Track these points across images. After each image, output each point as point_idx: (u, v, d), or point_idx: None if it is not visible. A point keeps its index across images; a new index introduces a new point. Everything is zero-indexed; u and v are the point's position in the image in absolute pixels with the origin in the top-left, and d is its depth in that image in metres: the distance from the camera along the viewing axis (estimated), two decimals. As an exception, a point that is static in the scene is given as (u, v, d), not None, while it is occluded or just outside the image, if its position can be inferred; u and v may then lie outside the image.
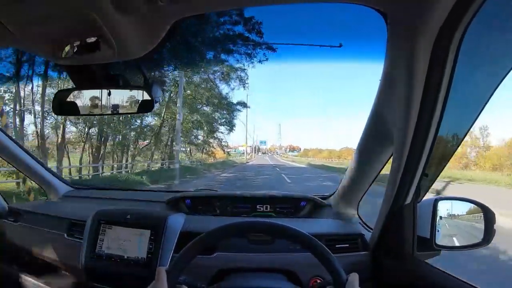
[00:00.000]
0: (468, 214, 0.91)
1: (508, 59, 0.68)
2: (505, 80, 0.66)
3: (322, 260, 0.66)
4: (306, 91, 62.39)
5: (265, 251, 1.03)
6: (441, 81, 0.66)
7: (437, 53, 0.63)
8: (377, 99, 0.85)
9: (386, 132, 0.86)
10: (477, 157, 15.72)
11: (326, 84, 58.23)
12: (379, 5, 0.62)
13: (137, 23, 0.62)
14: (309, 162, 26.68)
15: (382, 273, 0.98)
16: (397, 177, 0.83)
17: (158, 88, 0.85)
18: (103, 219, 1.08)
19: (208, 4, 0.62)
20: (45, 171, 1.52)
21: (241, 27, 3.15)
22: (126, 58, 0.73)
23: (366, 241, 1.07)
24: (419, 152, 0.77)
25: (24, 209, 1.41)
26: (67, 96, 0.89)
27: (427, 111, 0.71)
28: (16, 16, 0.59)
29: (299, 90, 64.04)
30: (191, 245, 0.69)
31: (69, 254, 1.15)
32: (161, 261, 0.98)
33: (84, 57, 0.69)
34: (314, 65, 21.00)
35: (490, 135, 16.11)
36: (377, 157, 1.01)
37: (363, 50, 0.98)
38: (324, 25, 0.86)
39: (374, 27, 0.72)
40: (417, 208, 0.88)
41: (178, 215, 1.16)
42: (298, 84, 63.72)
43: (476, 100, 0.75)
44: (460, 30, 0.59)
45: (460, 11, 0.56)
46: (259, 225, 0.74)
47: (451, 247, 0.90)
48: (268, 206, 1.35)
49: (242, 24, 2.53)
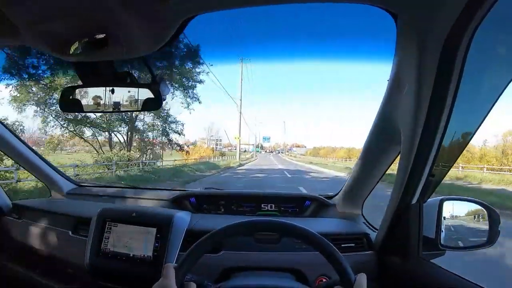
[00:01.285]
0: (472, 214, 0.92)
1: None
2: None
3: (331, 260, 0.66)
4: (312, 88, 62.21)
5: (272, 250, 1.03)
6: (450, 82, 0.66)
7: (446, 54, 0.63)
8: (385, 99, 0.86)
9: (393, 132, 0.86)
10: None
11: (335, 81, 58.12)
12: (390, 5, 0.62)
13: (146, 21, 0.62)
14: (334, 164, 21.80)
15: (387, 273, 0.98)
16: (404, 177, 0.83)
17: (165, 85, 0.85)
18: (108, 216, 1.08)
19: (218, 2, 0.62)
20: (49, 168, 1.52)
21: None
22: (134, 55, 0.73)
23: (371, 240, 1.08)
24: (427, 153, 0.77)
25: (28, 206, 1.41)
26: (74, 93, 0.89)
27: (435, 112, 0.71)
28: (25, 14, 0.58)
29: (304, 87, 63.87)
30: (200, 242, 0.68)
31: (74, 251, 1.15)
32: (167, 260, 0.98)
33: (92, 54, 0.69)
34: (322, 64, 19.89)
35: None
36: (383, 157, 1.01)
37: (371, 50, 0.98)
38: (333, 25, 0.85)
39: (384, 27, 0.72)
40: (423, 208, 0.89)
41: (184, 213, 1.16)
42: (304, 81, 63.61)
43: (483, 101, 0.75)
44: (469, 32, 0.59)
45: (469, 13, 0.56)
46: (267, 223, 0.74)
47: (456, 247, 0.91)
48: (272, 205, 1.36)
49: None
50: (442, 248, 0.88)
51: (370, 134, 0.98)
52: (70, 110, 0.93)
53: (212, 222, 1.12)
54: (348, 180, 1.22)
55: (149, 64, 0.82)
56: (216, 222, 0.96)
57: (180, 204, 1.38)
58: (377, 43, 0.91)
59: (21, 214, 1.39)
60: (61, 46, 0.69)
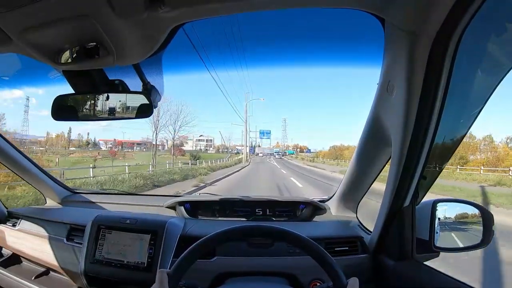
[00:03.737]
0: (466, 215, 0.92)
1: (505, 62, 0.69)
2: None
3: (322, 264, 0.66)
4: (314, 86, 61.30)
5: (265, 255, 1.03)
6: (439, 84, 0.67)
7: (434, 57, 0.64)
8: (375, 103, 0.86)
9: (384, 135, 0.87)
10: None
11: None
12: (376, 10, 0.63)
13: (136, 29, 0.62)
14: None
15: (382, 275, 0.98)
16: (395, 180, 0.84)
17: (157, 92, 0.85)
18: (102, 223, 1.08)
19: (207, 10, 0.62)
20: (44, 176, 1.51)
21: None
22: (125, 63, 0.74)
23: (365, 243, 1.08)
24: (417, 155, 0.78)
25: (23, 213, 1.41)
26: (66, 101, 0.89)
27: (425, 114, 0.71)
28: (16, 22, 0.59)
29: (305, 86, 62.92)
30: (193, 248, 0.69)
31: (68, 259, 1.15)
32: (161, 266, 0.98)
33: (83, 63, 0.69)
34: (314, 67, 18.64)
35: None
36: (375, 160, 1.02)
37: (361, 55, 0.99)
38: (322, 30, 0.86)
39: (373, 32, 0.73)
40: (415, 210, 0.89)
41: (178, 219, 1.16)
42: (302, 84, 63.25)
43: (473, 103, 0.76)
44: (457, 35, 0.60)
45: (456, 16, 0.57)
46: (259, 229, 0.74)
47: (450, 248, 0.91)
48: (267, 209, 1.35)
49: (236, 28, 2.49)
50: (436, 250, 0.88)
51: (362, 137, 0.99)
52: (62, 119, 0.92)
53: (206, 227, 1.12)
54: (341, 184, 1.22)
55: (140, 72, 0.82)
56: (210, 228, 0.96)
57: (175, 210, 1.38)
58: (367, 47, 0.92)
59: (16, 222, 1.39)
60: (52, 55, 0.69)
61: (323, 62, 1.12)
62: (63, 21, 0.59)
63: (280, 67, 2.08)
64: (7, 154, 1.34)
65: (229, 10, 0.64)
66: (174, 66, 1.14)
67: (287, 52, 1.22)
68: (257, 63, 1.48)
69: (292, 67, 2.18)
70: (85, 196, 1.62)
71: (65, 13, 0.57)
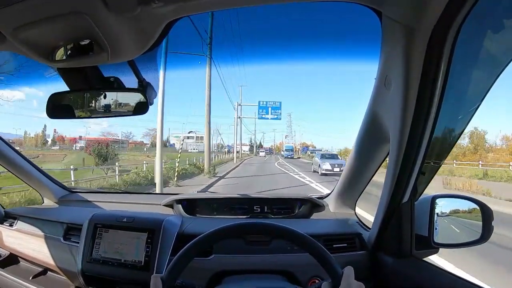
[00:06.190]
0: (465, 211, 0.92)
1: (503, 56, 0.68)
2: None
3: (317, 258, 0.66)
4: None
5: (263, 252, 1.02)
6: (436, 79, 0.66)
7: (432, 51, 0.63)
8: (373, 98, 0.85)
9: (382, 131, 0.86)
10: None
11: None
12: (374, 3, 0.63)
13: (130, 25, 0.61)
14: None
15: (381, 272, 0.97)
16: (394, 176, 0.83)
17: (152, 89, 0.85)
18: (99, 222, 1.07)
19: (202, 4, 0.62)
20: (41, 175, 1.51)
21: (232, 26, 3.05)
22: (119, 60, 0.73)
23: (364, 240, 1.07)
24: (416, 151, 0.77)
25: (20, 213, 1.40)
26: (61, 99, 0.88)
27: (423, 110, 0.71)
28: (9, 20, 0.58)
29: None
30: (186, 249, 0.68)
31: (65, 258, 1.14)
32: (158, 264, 0.97)
33: (77, 60, 0.69)
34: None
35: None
36: (374, 156, 1.01)
37: (358, 49, 0.98)
38: (319, 24, 0.86)
39: (370, 26, 0.72)
40: (414, 206, 0.88)
41: (175, 217, 1.15)
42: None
43: (471, 98, 0.75)
44: (455, 28, 0.59)
45: (453, 9, 0.56)
46: (256, 226, 0.74)
47: (449, 244, 0.90)
48: (265, 207, 1.35)
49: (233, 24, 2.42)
50: (435, 246, 0.88)
51: (359, 134, 0.98)
52: (58, 117, 0.92)
53: (204, 225, 1.11)
54: (340, 180, 1.21)
55: (135, 69, 0.81)
56: (207, 225, 0.95)
57: (172, 208, 1.37)
58: (364, 41, 0.91)
59: (13, 221, 1.38)
60: (46, 52, 0.69)
61: (320, 57, 1.12)
62: (56, 18, 0.58)
63: (275, 63, 2.07)
64: (3, 153, 1.33)
65: (223, 5, 0.63)
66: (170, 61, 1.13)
67: (283, 48, 1.21)
68: (252, 59, 1.47)
69: (285, 62, 2.17)
70: (83, 195, 1.61)
71: (58, 10, 0.56)
